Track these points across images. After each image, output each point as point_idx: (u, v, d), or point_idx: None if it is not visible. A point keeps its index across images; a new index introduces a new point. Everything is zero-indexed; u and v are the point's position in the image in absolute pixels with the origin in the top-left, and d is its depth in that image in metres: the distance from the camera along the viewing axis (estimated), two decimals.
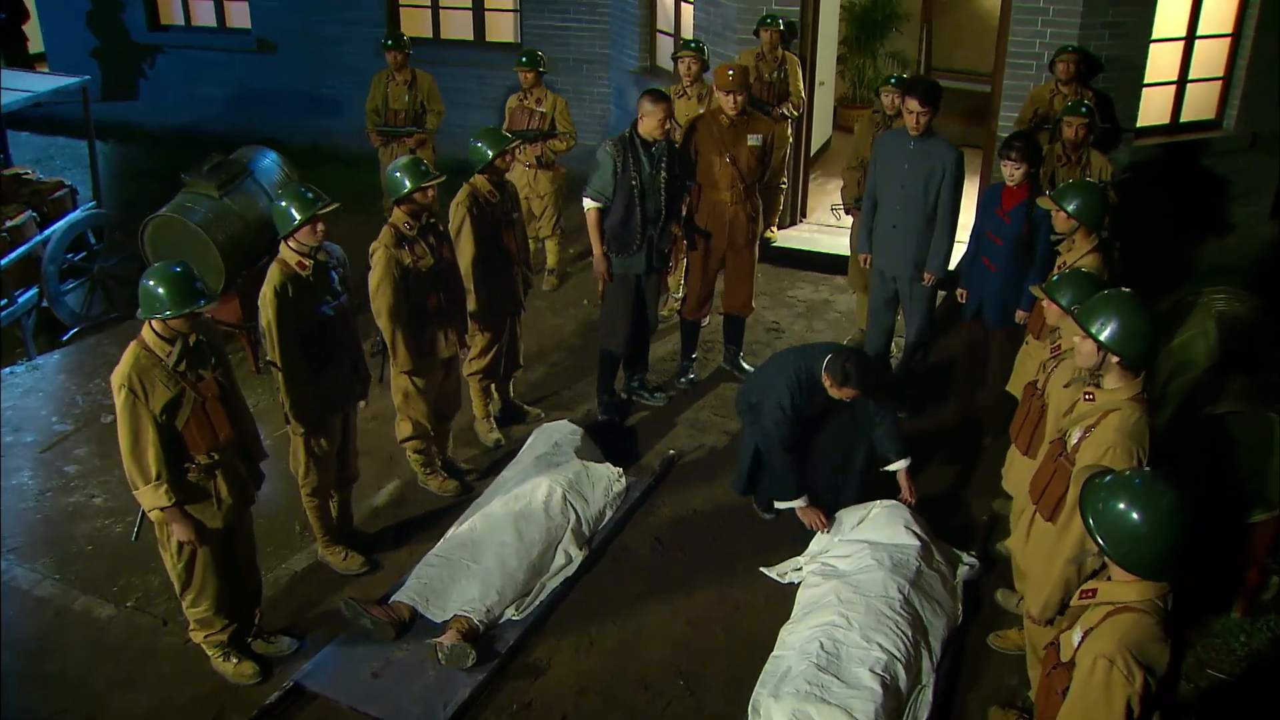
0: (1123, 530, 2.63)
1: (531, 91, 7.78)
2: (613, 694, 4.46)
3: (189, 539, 4.07)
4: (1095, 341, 3.36)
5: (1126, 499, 2.63)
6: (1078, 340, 3.48)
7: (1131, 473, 2.71)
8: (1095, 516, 2.67)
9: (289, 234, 4.50)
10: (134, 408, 3.84)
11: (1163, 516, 2.59)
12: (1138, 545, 2.62)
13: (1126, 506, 2.62)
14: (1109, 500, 2.65)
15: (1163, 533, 2.59)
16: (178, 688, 4.48)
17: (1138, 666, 2.58)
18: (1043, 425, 4.19)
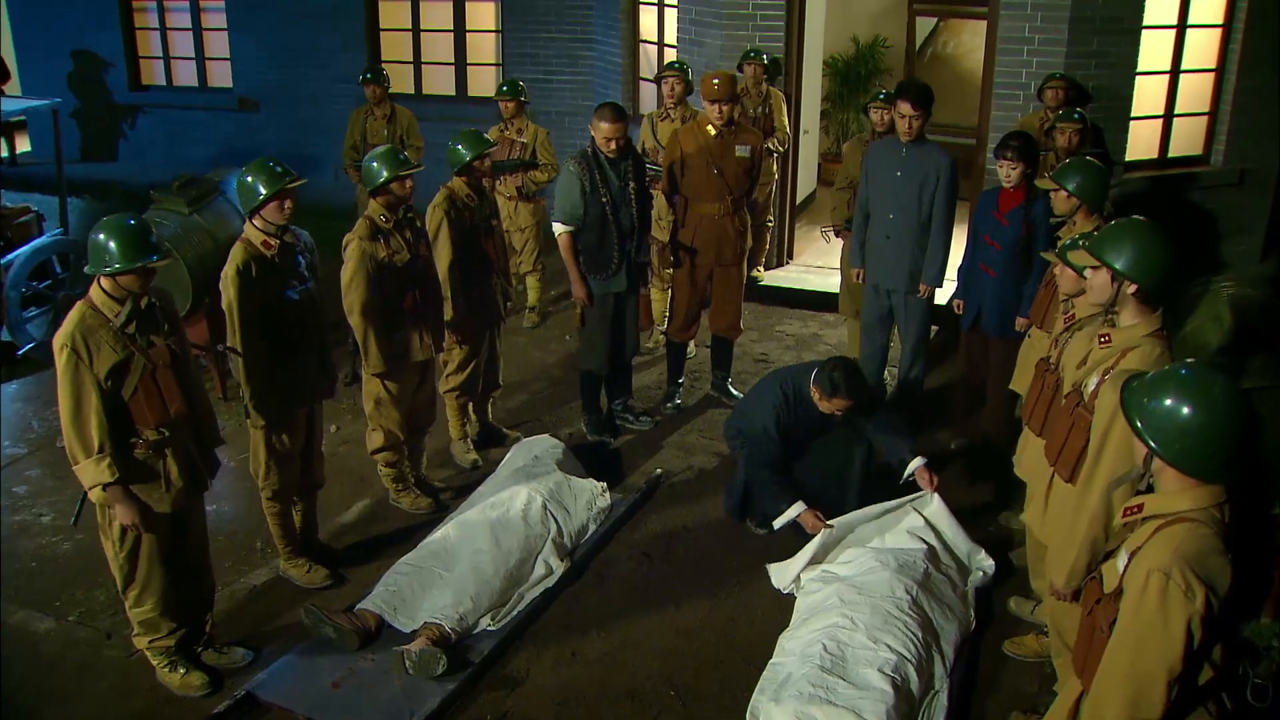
0: (1174, 426, 2.34)
1: (512, 122, 7.65)
2: (597, 705, 4.07)
3: (132, 522, 3.71)
4: (1110, 270, 3.11)
5: (1174, 392, 2.35)
6: (1090, 274, 3.23)
7: (1175, 366, 2.43)
8: (1142, 416, 2.38)
9: (254, 210, 4.25)
10: (76, 370, 3.53)
11: (1216, 406, 2.31)
12: (1192, 439, 2.32)
13: (1175, 400, 2.34)
14: (1155, 396, 2.37)
15: (1218, 423, 2.31)
16: (116, 702, 4.07)
17: (1198, 582, 2.26)
18: (1057, 402, 3.92)
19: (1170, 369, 2.42)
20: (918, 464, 4.96)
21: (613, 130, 5.51)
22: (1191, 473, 2.35)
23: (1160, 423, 2.35)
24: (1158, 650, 2.30)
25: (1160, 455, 2.35)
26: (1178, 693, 2.34)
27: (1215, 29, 8.23)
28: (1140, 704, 2.35)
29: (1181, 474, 2.36)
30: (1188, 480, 2.37)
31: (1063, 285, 4.10)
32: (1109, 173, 4.65)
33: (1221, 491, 2.36)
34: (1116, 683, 2.38)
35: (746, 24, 8.25)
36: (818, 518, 4.79)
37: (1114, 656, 2.40)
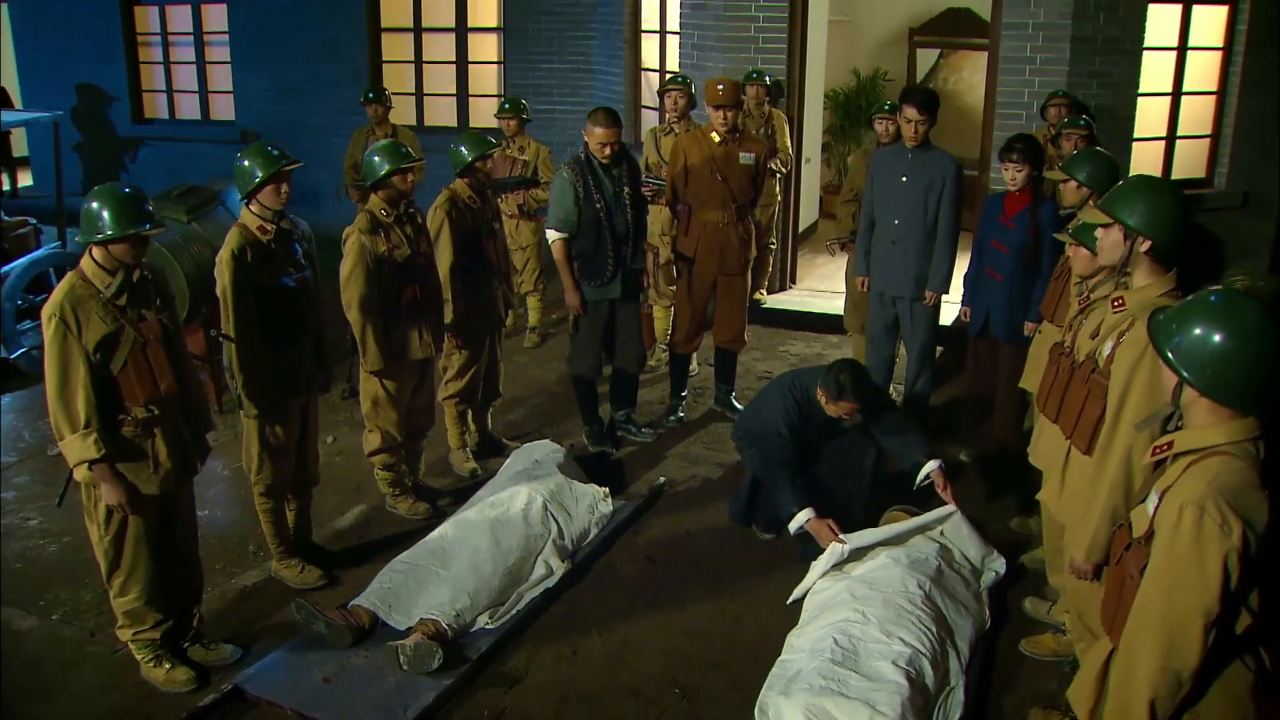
0: (1205, 352, 2.23)
1: (514, 140, 7.63)
2: (599, 702, 3.91)
3: (119, 503, 3.58)
4: (1122, 226, 3.02)
5: (1205, 319, 2.24)
6: (1101, 233, 3.14)
7: (1204, 293, 2.33)
8: (1171, 345, 2.28)
9: (250, 194, 4.17)
10: (64, 342, 3.43)
11: (1249, 330, 2.20)
12: (1226, 365, 2.21)
13: (1206, 328, 2.24)
14: (1185, 324, 2.27)
15: (1251, 347, 2.20)
16: (98, 698, 3.90)
17: (1234, 516, 2.14)
18: (1073, 387, 3.81)
19: (1199, 296, 2.32)
20: (932, 466, 4.81)
21: (607, 135, 5.47)
22: (1224, 400, 2.24)
23: (1191, 349, 2.25)
24: (1193, 590, 2.18)
25: (1191, 383, 2.25)
26: (1214, 639, 2.21)
27: (1215, 51, 8.25)
28: (1175, 651, 2.22)
29: (1213, 405, 2.25)
30: (1221, 412, 2.26)
31: (1076, 266, 4.01)
32: (1118, 166, 4.58)
33: (1255, 425, 2.25)
34: (1150, 628, 2.25)
35: (749, 47, 8.27)
36: (831, 530, 4.54)
37: (1146, 601, 2.27)
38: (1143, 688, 2.27)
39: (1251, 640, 2.29)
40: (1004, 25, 7.57)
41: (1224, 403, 2.24)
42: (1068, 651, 4.09)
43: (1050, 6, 7.43)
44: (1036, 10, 7.46)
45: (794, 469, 4.70)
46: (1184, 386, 2.29)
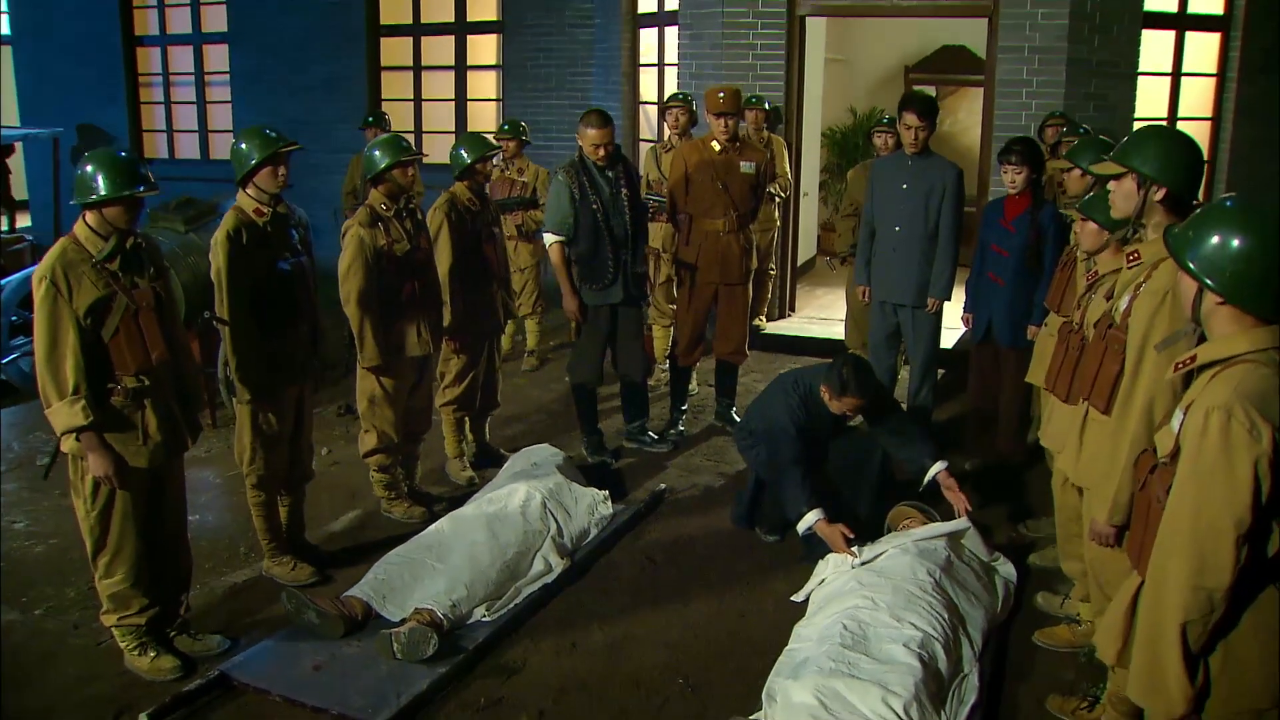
0: (1224, 256, 2.18)
1: (513, 161, 7.63)
2: (600, 692, 3.76)
3: (105, 474, 3.47)
4: (1135, 175, 2.97)
5: (1223, 224, 2.19)
6: (1114, 185, 3.09)
7: (1219, 201, 2.27)
8: (1191, 256, 2.22)
9: (247, 177, 4.13)
10: (55, 305, 3.35)
11: (1269, 232, 2.15)
12: (1246, 267, 2.15)
13: (1224, 233, 2.18)
14: (1203, 233, 2.21)
15: (1272, 248, 2.14)
16: (79, 687, 3.75)
17: (1262, 420, 2.06)
18: (1083, 365, 3.73)
19: (1214, 204, 2.27)
20: (939, 468, 4.72)
21: (600, 136, 5.45)
22: (1246, 304, 2.17)
23: (1210, 255, 2.19)
24: (1222, 500, 2.09)
25: (1213, 288, 2.18)
26: (1246, 557, 2.11)
27: (1210, 78, 8.32)
28: (1206, 568, 2.12)
29: (1235, 313, 2.19)
30: (1243, 320, 2.20)
31: (1085, 241, 3.98)
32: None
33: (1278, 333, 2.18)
34: (1179, 545, 2.16)
35: (746, 74, 8.32)
36: (844, 535, 4.37)
37: (1174, 516, 2.18)
38: (1173, 611, 2.17)
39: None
40: (1000, 49, 7.63)
41: (1245, 307, 2.18)
42: (1083, 642, 3.97)
43: (1046, 31, 7.49)
44: (1032, 34, 7.52)
45: (803, 467, 4.59)
46: (1203, 297, 2.23)
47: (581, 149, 5.55)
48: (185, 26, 12.14)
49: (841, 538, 4.36)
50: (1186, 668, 2.19)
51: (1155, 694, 2.26)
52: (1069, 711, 3.54)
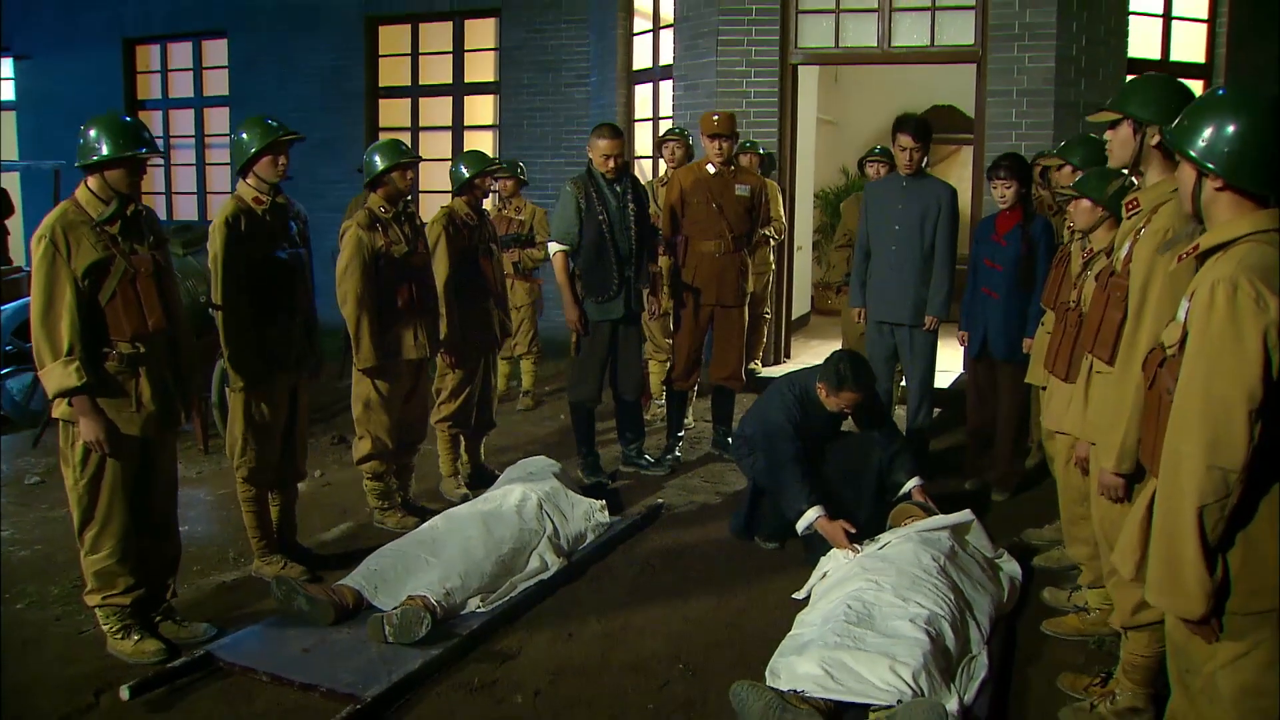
0: (1223, 140, 2.19)
1: (510, 200, 7.71)
2: (597, 676, 3.65)
3: (96, 439, 3.41)
4: (1131, 121, 3.00)
5: (1218, 110, 2.23)
6: (1110, 135, 3.12)
7: (1213, 90, 2.30)
8: (1190, 145, 2.23)
9: (247, 166, 4.16)
10: (53, 264, 3.34)
11: (1264, 111, 2.18)
12: (1244, 146, 2.17)
13: (1221, 117, 2.21)
14: (1199, 120, 2.23)
15: (1269, 125, 2.17)
16: (59, 669, 3.63)
17: (1269, 291, 2.05)
18: (1080, 347, 3.72)
19: (1208, 94, 2.30)
20: (914, 484, 4.71)
21: (611, 147, 5.52)
22: (1245, 183, 2.19)
23: (1209, 140, 2.22)
24: (1233, 373, 2.06)
25: (1213, 171, 2.20)
26: (1260, 434, 2.07)
27: None
28: (1219, 445, 2.08)
29: (1235, 198, 2.21)
30: (1243, 204, 2.21)
31: (1078, 221, 4.00)
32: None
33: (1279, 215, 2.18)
34: (1191, 424, 2.12)
35: (741, 122, 8.42)
36: (845, 531, 4.31)
37: (1185, 394, 2.15)
38: (1189, 495, 2.12)
39: None
40: (989, 93, 7.79)
41: (1245, 185, 2.19)
42: (1093, 630, 3.89)
43: (1033, 74, 7.67)
44: (1020, 78, 7.69)
45: (802, 465, 4.53)
46: (1202, 188, 2.24)
47: (591, 162, 5.61)
48: (187, 91, 12.36)
49: (843, 533, 4.29)
50: (1205, 560, 2.13)
51: (1173, 593, 2.19)
52: (1081, 688, 3.44)
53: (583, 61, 10.61)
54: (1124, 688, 3.26)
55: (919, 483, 4.74)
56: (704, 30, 8.49)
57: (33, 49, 12.78)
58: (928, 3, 7.86)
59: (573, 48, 10.65)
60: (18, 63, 13.03)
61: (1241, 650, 2.22)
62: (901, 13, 7.94)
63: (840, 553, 4.23)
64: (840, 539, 4.27)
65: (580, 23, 10.55)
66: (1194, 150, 2.23)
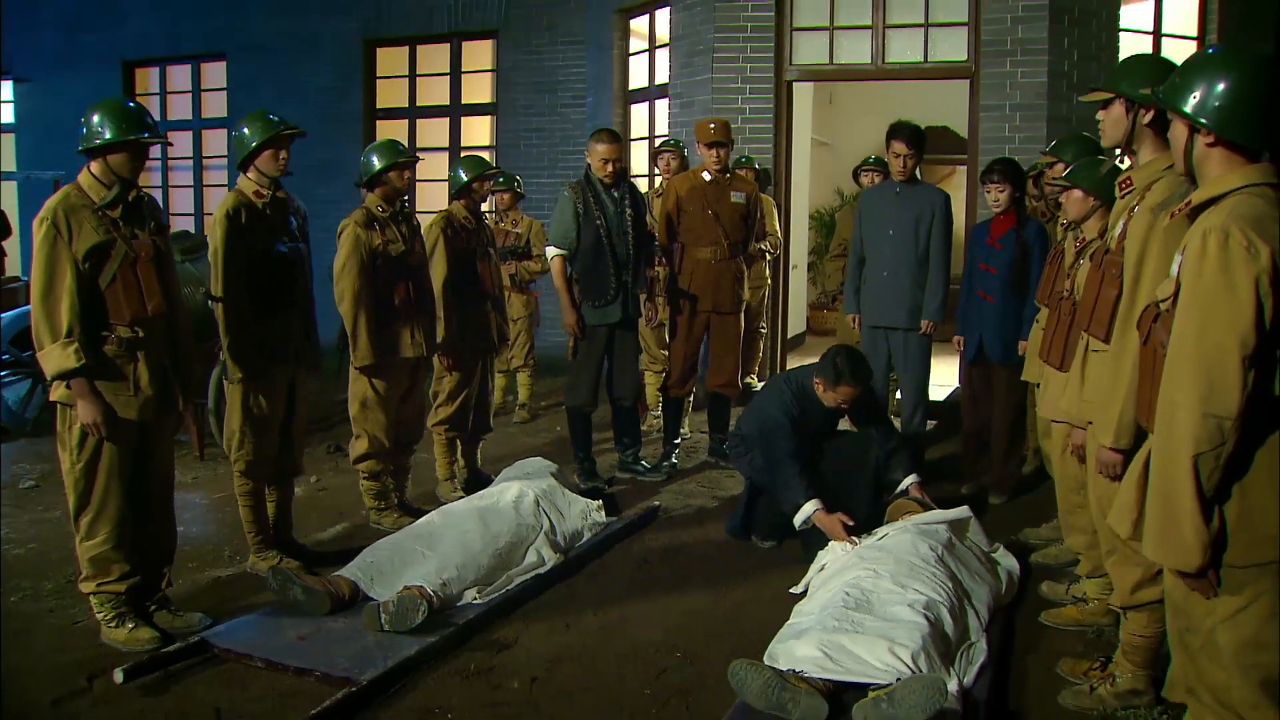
0: (1214, 95, 2.24)
1: (508, 213, 7.75)
2: (594, 664, 3.63)
3: (93, 421, 3.40)
4: (1123, 100, 3.03)
5: (1209, 67, 2.28)
6: (1102, 115, 3.15)
7: (1203, 49, 2.34)
8: (1182, 101, 2.27)
9: (248, 160, 4.19)
10: (54, 246, 3.36)
11: (1253, 65, 2.24)
12: (1234, 100, 2.21)
13: (1212, 74, 2.26)
14: (1190, 77, 2.28)
15: (1258, 78, 2.22)
16: (53, 656, 3.61)
17: (1260, 239, 2.08)
18: (1075, 334, 3.74)
19: (1198, 53, 2.34)
20: (911, 482, 4.73)
21: (609, 151, 5.55)
22: (1236, 136, 2.23)
23: (1200, 96, 2.26)
24: (1225, 321, 2.08)
25: (1205, 125, 2.23)
26: (1253, 383, 2.09)
27: None
28: (1213, 393, 2.10)
29: (1226, 153, 2.25)
30: (1234, 159, 2.25)
31: (1071, 210, 4.03)
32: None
33: (1271, 170, 2.21)
34: (1185, 374, 2.13)
35: (736, 138, 8.47)
36: (843, 523, 4.30)
37: (1179, 342, 2.17)
38: (1184, 444, 2.13)
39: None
40: (982, 108, 7.86)
41: (1235, 139, 2.23)
42: (1091, 621, 3.88)
43: (1026, 89, 7.73)
44: (1012, 92, 7.76)
45: (800, 460, 4.53)
46: (1194, 144, 2.27)
47: (589, 167, 5.64)
48: (185, 113, 12.43)
49: (841, 526, 4.28)
50: (1201, 510, 2.14)
51: (1171, 545, 2.20)
52: (1081, 673, 3.43)
53: (579, 82, 10.69)
54: (1124, 670, 3.25)
55: (916, 479, 4.75)
56: (699, 48, 8.57)
57: (32, 72, 12.85)
58: (921, 19, 7.94)
59: (569, 68, 10.73)
60: (17, 85, 13.10)
61: (1240, 604, 2.22)
62: (895, 29, 8.01)
63: (838, 545, 4.22)
64: (838, 531, 4.26)
65: (577, 44, 10.64)
66: (1186, 106, 2.26)
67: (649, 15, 9.49)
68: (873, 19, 8.02)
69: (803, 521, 4.42)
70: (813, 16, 8.23)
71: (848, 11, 8.13)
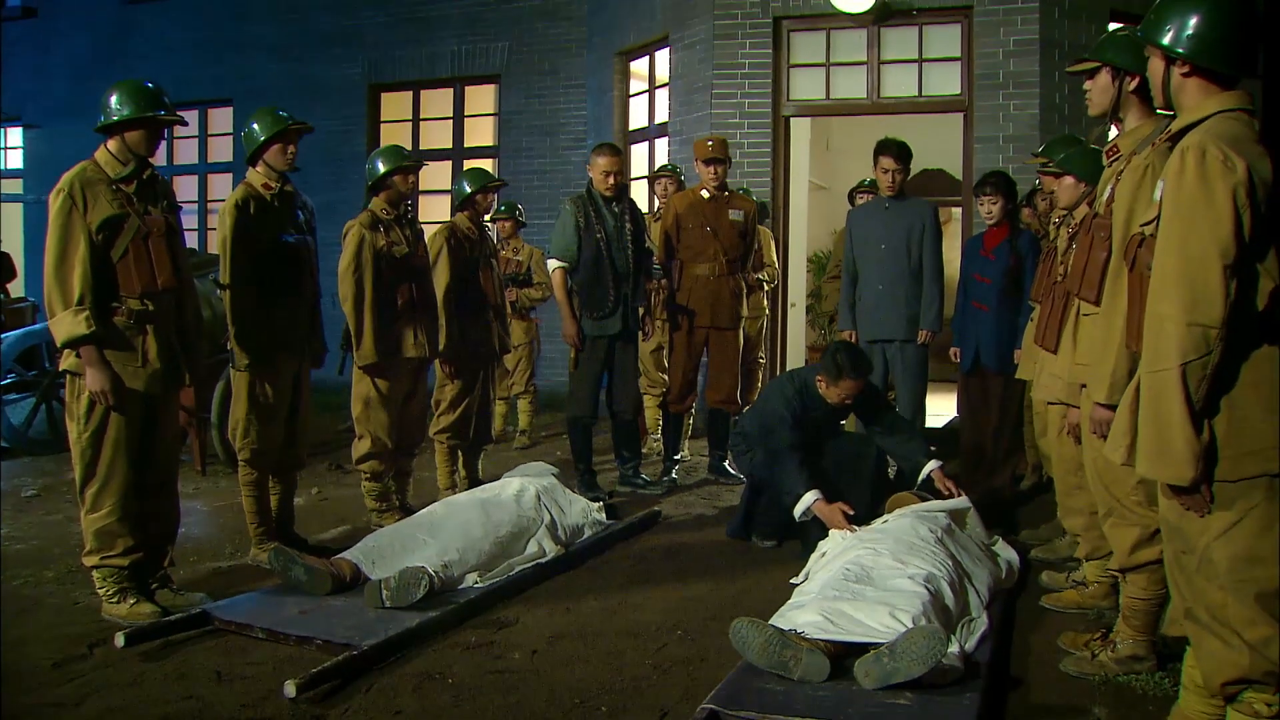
0: (1187, 25, 2.35)
1: (509, 241, 7.86)
2: (595, 640, 3.62)
3: (102, 389, 3.45)
4: (1109, 68, 3.14)
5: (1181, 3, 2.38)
6: (1089, 85, 3.25)
7: None
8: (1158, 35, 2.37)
9: (256, 154, 4.29)
10: (69, 217, 3.44)
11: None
12: (1207, 28, 2.32)
13: (1183, 7, 2.37)
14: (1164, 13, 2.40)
15: (1231, 11, 2.33)
16: (52, 630, 3.61)
17: (1236, 155, 2.16)
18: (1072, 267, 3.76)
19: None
20: (933, 466, 4.74)
21: (610, 164, 5.67)
22: (1210, 61, 2.33)
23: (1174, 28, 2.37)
24: (1206, 231, 2.16)
25: (1182, 55, 2.34)
26: (1236, 293, 2.15)
27: None
28: (1197, 302, 2.16)
29: (1202, 82, 2.35)
30: (1209, 88, 2.35)
31: (1062, 198, 4.12)
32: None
33: (1246, 97, 2.30)
34: (1170, 284, 2.20)
35: (735, 172, 8.64)
36: (843, 513, 4.31)
37: (1163, 254, 2.25)
38: (1171, 354, 2.18)
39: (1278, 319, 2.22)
40: (976, 139, 8.02)
41: (1210, 65, 2.33)
42: (1091, 604, 3.89)
43: (1019, 121, 7.90)
44: (1006, 124, 7.93)
45: (800, 453, 4.56)
46: (1171, 76, 2.37)
47: (590, 181, 5.75)
48: (192, 157, 12.64)
49: (841, 515, 4.30)
50: (1191, 420, 2.18)
51: (1163, 458, 2.24)
52: (1082, 644, 3.42)
53: (580, 125, 10.90)
54: (1124, 635, 3.26)
55: (937, 464, 4.75)
56: (699, 86, 8.76)
57: (42, 118, 13.09)
58: (915, 55, 8.14)
59: (570, 111, 10.94)
60: (27, 131, 13.33)
61: (1233, 519, 2.25)
62: (890, 65, 8.22)
63: (838, 534, 4.23)
64: (839, 520, 4.27)
65: (578, 88, 10.87)
66: (1163, 39, 2.36)
67: (649, 57, 9.71)
68: (868, 55, 8.22)
69: (803, 512, 4.44)
70: (809, 54, 8.43)
71: (843, 48, 8.33)
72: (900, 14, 8.01)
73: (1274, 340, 2.23)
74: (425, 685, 3.18)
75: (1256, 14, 2.32)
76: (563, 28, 10.86)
